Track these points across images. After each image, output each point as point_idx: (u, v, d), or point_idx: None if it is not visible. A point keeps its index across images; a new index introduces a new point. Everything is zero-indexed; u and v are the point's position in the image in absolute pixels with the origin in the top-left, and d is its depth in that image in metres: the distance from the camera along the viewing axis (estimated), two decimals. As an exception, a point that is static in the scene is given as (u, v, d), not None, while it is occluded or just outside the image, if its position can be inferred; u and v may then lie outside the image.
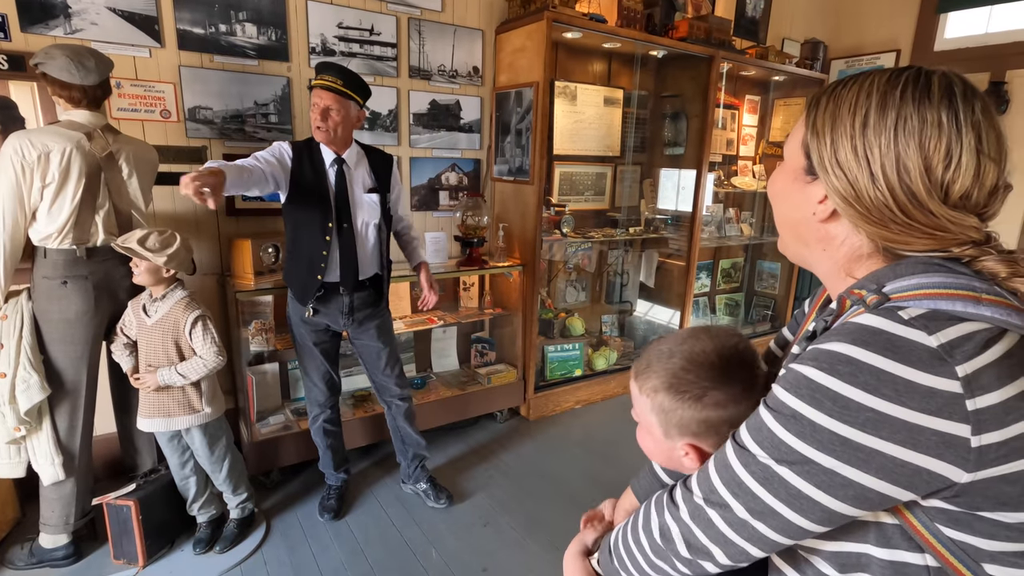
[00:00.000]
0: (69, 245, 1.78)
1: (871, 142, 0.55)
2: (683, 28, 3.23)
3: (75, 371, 1.86)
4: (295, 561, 1.98)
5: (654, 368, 0.72)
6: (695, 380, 0.69)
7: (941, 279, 0.53)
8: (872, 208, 0.56)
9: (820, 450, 0.51)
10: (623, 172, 3.62)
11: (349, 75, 1.92)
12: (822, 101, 0.61)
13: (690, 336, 0.73)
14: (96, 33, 2.09)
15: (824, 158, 0.59)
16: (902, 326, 0.50)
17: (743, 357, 0.71)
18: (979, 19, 3.77)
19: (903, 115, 0.54)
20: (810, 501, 0.52)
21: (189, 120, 2.32)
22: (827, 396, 0.51)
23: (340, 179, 2.00)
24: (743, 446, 0.57)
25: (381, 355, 2.21)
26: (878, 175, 0.55)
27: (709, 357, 0.70)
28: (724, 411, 0.68)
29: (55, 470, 1.84)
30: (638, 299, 3.98)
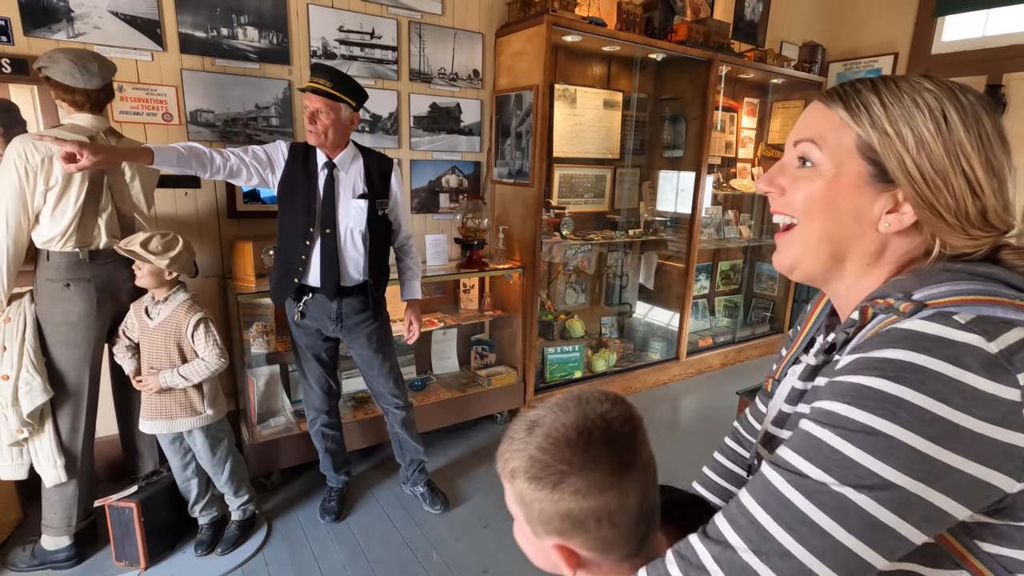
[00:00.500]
0: (72, 248, 1.79)
1: (961, 140, 0.53)
2: (682, 31, 3.24)
3: (77, 373, 1.87)
4: (296, 563, 1.99)
5: (515, 446, 0.59)
6: (551, 462, 0.55)
7: (972, 286, 0.51)
8: (965, 214, 0.54)
9: (899, 469, 0.46)
10: (622, 174, 3.64)
11: (339, 77, 1.88)
12: (872, 99, 0.56)
13: (556, 405, 0.59)
14: (99, 37, 2.10)
15: (908, 162, 0.54)
16: (960, 331, 0.47)
17: (611, 430, 0.57)
18: (976, 22, 3.79)
19: (979, 118, 0.53)
20: (886, 530, 0.47)
21: (191, 123, 2.33)
22: (900, 407, 0.46)
23: (329, 183, 1.97)
24: (802, 474, 0.49)
25: (373, 363, 2.18)
26: (975, 179, 0.53)
27: (568, 433, 0.56)
28: (588, 502, 0.54)
29: (57, 472, 1.84)
30: (637, 301, 3.99)
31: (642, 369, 3.61)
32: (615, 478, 0.55)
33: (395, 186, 2.11)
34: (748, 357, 4.24)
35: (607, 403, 0.59)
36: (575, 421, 0.57)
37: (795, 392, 0.66)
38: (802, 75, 3.96)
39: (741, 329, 4.38)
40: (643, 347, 3.88)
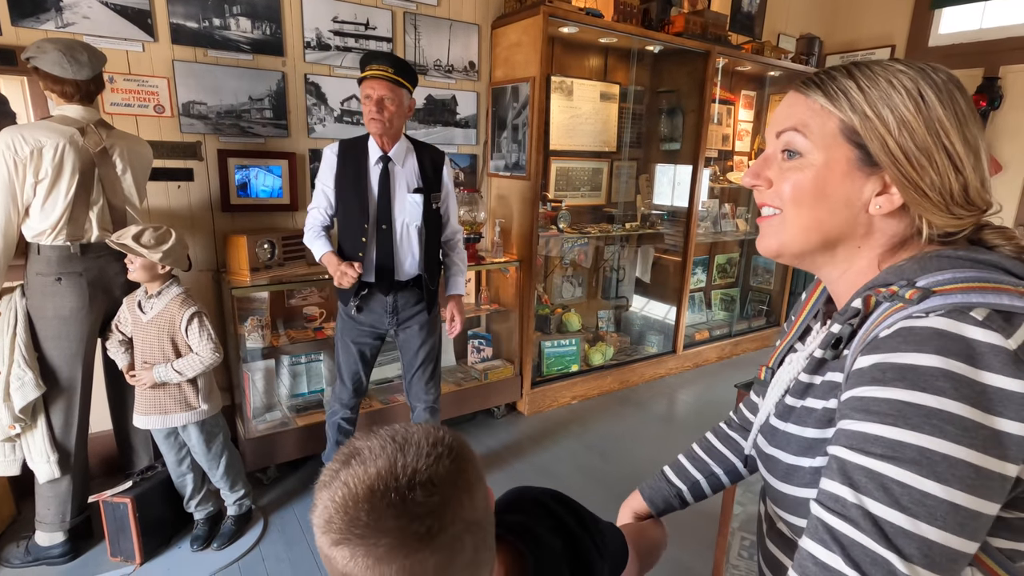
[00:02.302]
0: (63, 241, 1.77)
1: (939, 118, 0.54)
2: (679, 23, 3.23)
3: (70, 368, 1.85)
4: (293, 557, 1.98)
5: (323, 478, 0.51)
6: (335, 517, 0.47)
7: (973, 273, 0.51)
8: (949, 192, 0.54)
9: (963, 489, 0.45)
10: (619, 167, 3.62)
11: (400, 62, 1.87)
12: (850, 85, 0.56)
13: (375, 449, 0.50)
14: (88, 27, 2.07)
15: (890, 144, 0.54)
16: (979, 328, 0.47)
17: (410, 498, 0.46)
18: (973, 15, 3.79)
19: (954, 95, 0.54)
20: (963, 558, 0.46)
21: (183, 115, 2.30)
22: (945, 420, 0.45)
23: (384, 178, 1.95)
24: (875, 516, 0.46)
25: (418, 354, 2.14)
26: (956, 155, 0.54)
27: (356, 499, 0.47)
28: (365, 573, 0.46)
29: (50, 468, 1.83)
30: (634, 294, 3.99)
31: (639, 363, 3.61)
32: (400, 554, 0.46)
33: (446, 179, 2.09)
34: (745, 350, 4.25)
35: (424, 460, 0.49)
36: (374, 476, 0.47)
37: (800, 385, 0.65)
38: (799, 67, 3.95)
39: (738, 322, 4.39)
40: (640, 340, 3.88)
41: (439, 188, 2.06)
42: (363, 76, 1.88)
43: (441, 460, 0.49)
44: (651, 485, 0.93)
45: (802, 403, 0.64)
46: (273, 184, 2.54)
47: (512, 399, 3.09)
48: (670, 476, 0.92)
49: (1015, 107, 3.60)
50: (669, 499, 0.90)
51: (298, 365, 2.75)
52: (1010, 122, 3.62)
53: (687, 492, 0.90)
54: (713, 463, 0.89)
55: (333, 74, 2.60)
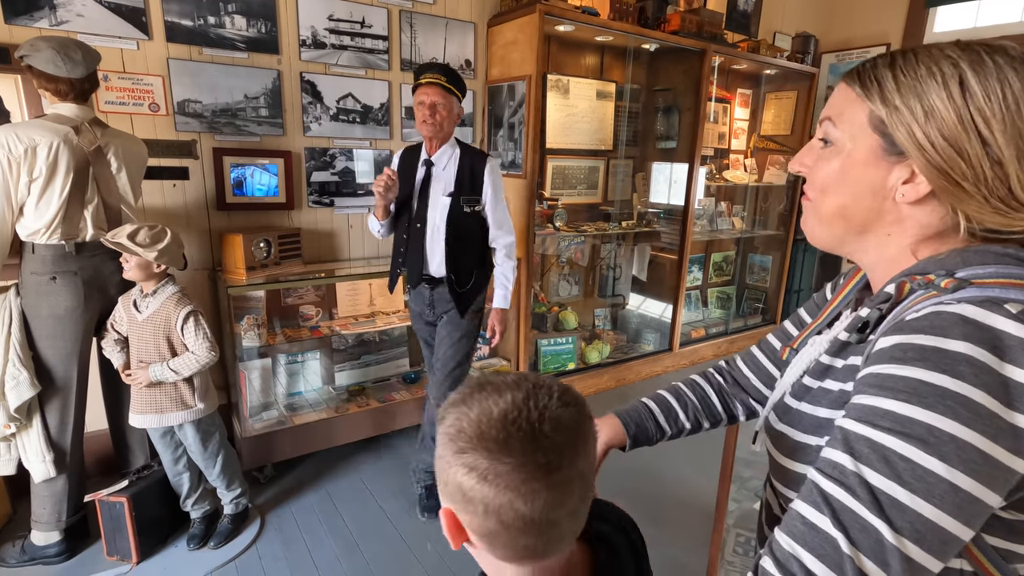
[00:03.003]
0: (57, 240, 1.76)
1: (981, 108, 0.51)
2: (675, 21, 3.23)
3: (65, 367, 1.84)
4: (290, 556, 1.99)
5: (453, 399, 0.56)
6: (466, 430, 0.52)
7: (1019, 270, 0.50)
8: (984, 182, 0.51)
9: (968, 473, 0.44)
10: (616, 166, 3.63)
11: (449, 71, 2.01)
12: (886, 74, 0.56)
13: (508, 382, 0.55)
14: (82, 25, 2.06)
15: (917, 133, 0.53)
16: (1011, 321, 0.46)
17: (539, 430, 0.51)
18: (968, 13, 3.80)
19: (1007, 79, 0.50)
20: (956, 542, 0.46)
21: (178, 113, 2.29)
22: (960, 403, 0.45)
23: (425, 180, 2.09)
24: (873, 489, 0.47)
25: (440, 348, 2.19)
26: (995, 144, 0.51)
27: (491, 416, 0.52)
28: (482, 487, 0.50)
29: (46, 467, 1.82)
30: (631, 293, 3.99)
31: (635, 360, 3.62)
32: (519, 476, 0.49)
33: (487, 184, 2.10)
34: (741, 348, 4.25)
35: (556, 401, 0.53)
36: (510, 405, 0.52)
37: (820, 366, 0.65)
38: (795, 66, 3.95)
39: (734, 320, 4.40)
40: (636, 338, 3.89)
41: (476, 193, 2.10)
42: (417, 84, 2.01)
43: (568, 407, 0.54)
44: (628, 408, 0.92)
45: (820, 384, 0.64)
46: (269, 183, 2.54)
47: (509, 397, 3.10)
48: (647, 402, 0.92)
49: (1009, 105, 3.61)
50: (646, 427, 0.90)
51: (295, 364, 2.75)
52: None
53: (664, 420, 0.90)
54: (698, 403, 0.92)
55: (329, 72, 2.60)
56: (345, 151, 2.72)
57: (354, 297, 2.83)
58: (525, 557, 0.54)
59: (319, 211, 2.72)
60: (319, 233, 2.74)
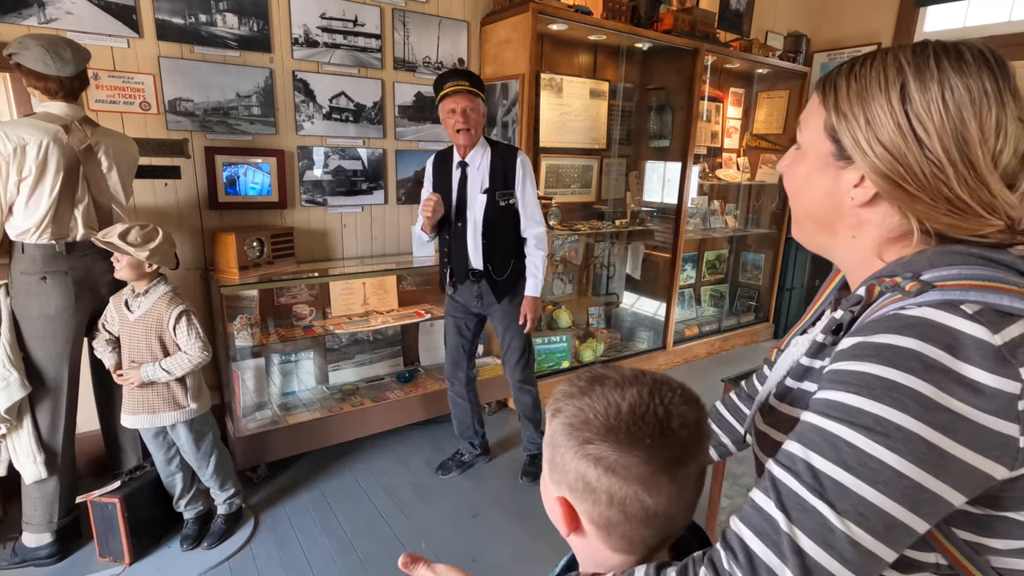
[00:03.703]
0: (48, 240, 1.75)
1: (919, 117, 0.52)
2: (668, 20, 3.24)
3: (56, 368, 1.83)
4: (284, 555, 1.98)
5: (570, 390, 0.58)
6: (592, 421, 0.54)
7: (983, 271, 0.51)
8: (926, 185, 0.53)
9: (914, 461, 0.46)
10: (609, 165, 3.63)
11: (471, 76, 2.11)
12: (843, 82, 0.58)
13: (629, 377, 0.57)
14: (72, 23, 2.04)
15: (862, 141, 0.55)
16: (966, 321, 0.47)
17: (668, 426, 0.53)
18: (957, 13, 3.83)
19: (948, 85, 0.51)
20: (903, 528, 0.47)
21: (169, 112, 2.28)
22: (909, 395, 0.46)
23: (462, 181, 2.21)
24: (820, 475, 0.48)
25: (504, 337, 2.37)
26: (933, 148, 0.52)
27: (620, 410, 0.53)
28: (608, 477, 0.52)
29: (37, 468, 1.81)
30: (624, 291, 4.01)
31: (629, 358, 3.63)
32: (647, 469, 0.52)
33: (518, 177, 2.21)
34: (734, 346, 4.29)
35: (679, 399, 0.55)
36: (637, 399, 0.54)
37: (800, 368, 0.66)
38: (787, 65, 3.98)
39: (727, 318, 4.43)
40: (630, 337, 3.90)
41: (509, 187, 2.20)
42: (444, 94, 2.08)
43: (689, 404, 0.55)
44: None
45: (799, 385, 0.65)
46: (263, 181, 2.53)
47: (503, 396, 3.10)
48: None
49: (998, 104, 3.64)
50: None
51: (288, 363, 2.75)
52: (993, 119, 3.67)
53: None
54: (721, 432, 0.91)
55: (321, 71, 2.59)
56: (338, 150, 2.72)
57: (348, 296, 2.82)
58: (639, 548, 0.56)
59: (312, 210, 2.71)
60: (312, 232, 2.73)
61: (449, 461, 2.52)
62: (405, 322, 2.85)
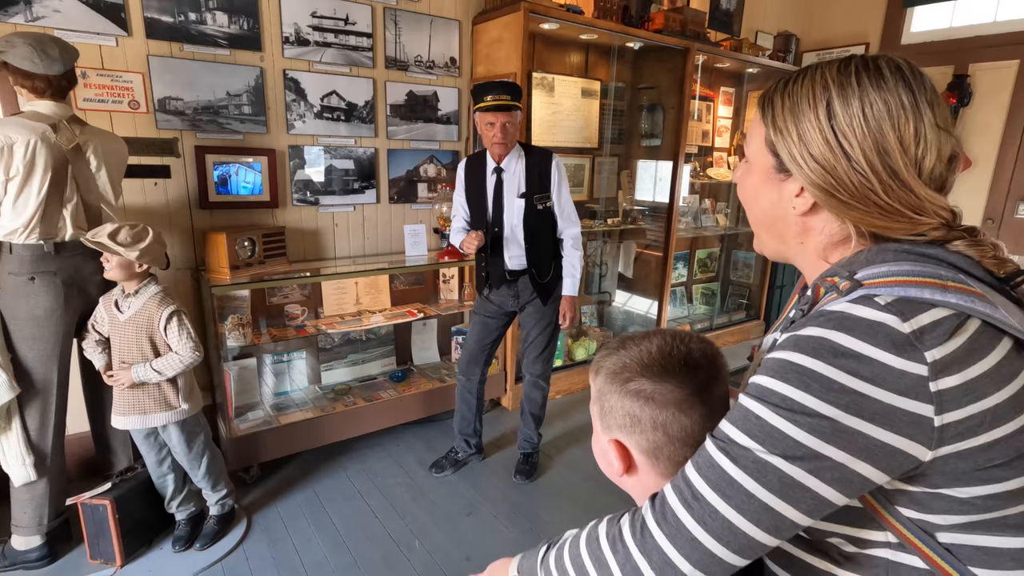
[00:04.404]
0: (36, 240, 1.73)
1: (843, 131, 0.57)
2: (659, 20, 3.25)
3: (45, 369, 1.82)
4: (277, 556, 1.98)
5: (606, 350, 0.71)
6: (630, 365, 0.66)
7: (910, 267, 0.55)
8: (855, 194, 0.57)
9: (812, 433, 0.51)
10: (601, 163, 3.65)
11: (510, 87, 2.13)
12: (776, 99, 0.62)
13: (652, 332, 0.70)
14: (59, 21, 2.02)
15: (796, 155, 0.60)
16: (878, 311, 0.52)
17: (691, 359, 0.65)
18: (943, 13, 3.88)
19: (867, 100, 0.56)
20: (802, 488, 0.52)
21: (159, 111, 2.26)
22: (814, 379, 0.52)
23: (497, 186, 2.25)
24: (731, 441, 0.55)
25: (531, 332, 2.41)
26: (858, 160, 0.56)
27: (651, 352, 0.66)
28: (649, 406, 0.63)
29: (26, 471, 1.80)
30: (617, 289, 4.02)
31: (621, 357, 3.64)
32: (680, 394, 0.63)
33: (554, 180, 2.26)
34: (725, 343, 4.32)
35: (696, 340, 0.68)
36: (661, 343, 0.67)
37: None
38: (776, 64, 4.01)
39: (719, 316, 4.46)
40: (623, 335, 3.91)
41: (545, 189, 2.24)
42: (482, 107, 2.12)
43: (707, 344, 0.69)
44: None
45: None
46: (254, 181, 2.52)
47: (497, 395, 3.11)
48: None
49: (984, 104, 3.70)
50: None
51: (281, 363, 2.74)
52: (979, 119, 3.72)
53: None
54: None
55: (312, 70, 2.58)
56: (330, 149, 2.71)
57: (340, 296, 2.81)
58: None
59: (304, 209, 2.70)
60: (304, 232, 2.72)
61: (443, 459, 2.52)
62: (397, 321, 2.85)
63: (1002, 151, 3.65)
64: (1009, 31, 3.56)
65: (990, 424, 0.51)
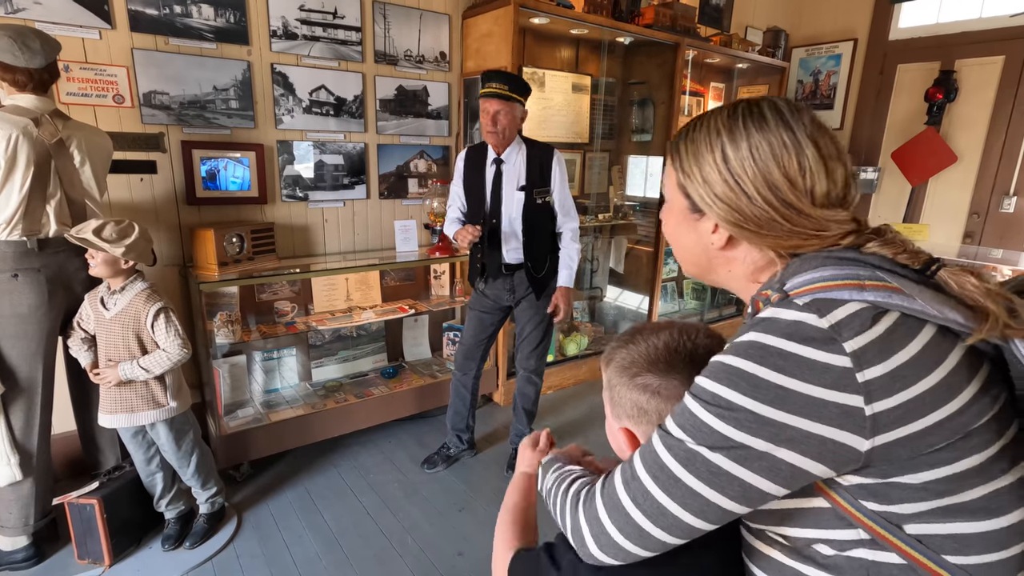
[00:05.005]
0: (19, 237, 1.70)
1: (737, 172, 0.63)
2: (649, 15, 3.25)
3: (29, 368, 1.79)
4: (268, 553, 1.97)
5: (617, 343, 0.75)
6: (638, 360, 0.71)
7: (832, 271, 0.59)
8: (763, 225, 0.64)
9: (736, 427, 0.55)
10: (592, 159, 3.65)
11: (513, 79, 2.13)
12: (682, 147, 0.68)
13: (660, 325, 0.75)
14: (40, 13, 1.99)
15: (704, 196, 0.66)
16: (797, 311, 0.56)
17: (695, 354, 0.70)
18: (930, 9, 3.91)
19: (753, 143, 0.63)
20: (728, 476, 0.56)
21: (144, 105, 2.23)
22: (741, 377, 0.56)
23: (496, 178, 2.23)
24: (667, 431, 0.61)
25: (526, 328, 2.40)
26: (755, 197, 0.63)
27: (658, 347, 0.71)
28: (655, 399, 0.69)
29: (11, 470, 1.77)
30: (608, 285, 4.03)
31: (613, 352, 3.65)
32: (684, 388, 0.64)
33: (555, 175, 2.25)
34: (715, 338, 4.33)
35: (703, 335, 0.72)
36: (668, 339, 0.71)
37: None
38: (766, 60, 4.02)
39: (709, 311, 4.48)
40: (614, 330, 3.93)
41: (545, 184, 2.24)
42: (481, 93, 2.13)
43: (713, 339, 0.73)
44: None
45: None
46: (243, 176, 2.49)
47: (488, 390, 3.11)
48: None
49: (969, 100, 3.74)
50: None
51: (270, 360, 2.72)
52: (964, 114, 3.76)
53: None
54: None
55: (301, 64, 2.55)
56: (319, 144, 2.68)
57: (330, 292, 2.80)
58: None
59: (293, 205, 2.68)
60: (293, 228, 2.70)
61: (435, 455, 2.52)
62: (388, 317, 2.84)
63: (987, 146, 3.69)
64: (994, 27, 3.60)
65: (926, 408, 0.53)
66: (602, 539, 0.64)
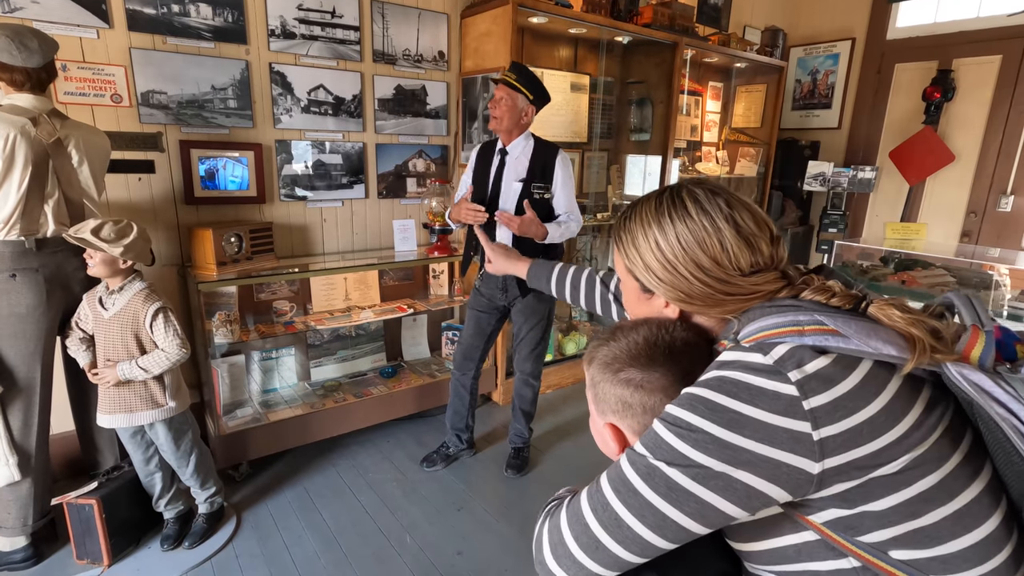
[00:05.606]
0: (16, 236, 1.70)
1: (670, 259, 0.71)
2: (647, 14, 3.25)
3: (28, 368, 1.79)
4: (267, 553, 1.97)
5: (597, 341, 0.78)
6: (620, 356, 0.73)
7: (775, 320, 0.65)
8: (704, 299, 0.71)
9: (695, 447, 0.60)
10: (590, 158, 3.65)
11: (525, 72, 2.17)
12: (622, 234, 0.77)
13: (639, 323, 0.77)
14: (37, 12, 1.98)
15: (648, 279, 0.74)
16: (744, 352, 0.64)
17: (674, 348, 0.73)
18: (928, 9, 3.92)
19: (678, 231, 0.70)
20: (685, 493, 0.60)
21: (142, 105, 2.23)
22: (701, 402, 0.62)
23: (499, 168, 2.25)
24: (633, 450, 0.66)
25: (521, 330, 2.40)
26: (690, 278, 0.70)
27: (638, 342, 0.73)
28: (639, 392, 0.71)
29: (10, 471, 1.77)
30: (606, 284, 4.02)
31: (611, 351, 3.65)
32: (666, 380, 0.70)
33: (558, 172, 2.25)
34: (714, 337, 4.34)
35: (680, 328, 0.75)
36: (647, 333, 0.74)
37: None
38: (764, 59, 4.02)
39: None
40: (612, 329, 3.92)
41: (546, 180, 2.24)
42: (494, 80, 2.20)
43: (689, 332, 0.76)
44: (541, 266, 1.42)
45: None
46: (242, 175, 2.49)
47: (487, 390, 3.11)
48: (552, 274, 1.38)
49: (966, 99, 3.74)
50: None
51: (269, 360, 2.72)
52: (962, 113, 3.77)
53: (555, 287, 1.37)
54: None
55: (299, 63, 2.55)
56: (317, 143, 2.68)
57: (329, 292, 2.80)
58: None
59: (291, 205, 2.67)
60: (292, 227, 2.70)
61: (434, 454, 2.52)
62: (387, 317, 2.84)
63: (984, 145, 3.70)
64: (992, 26, 3.61)
65: (869, 435, 0.57)
66: (559, 550, 0.67)
